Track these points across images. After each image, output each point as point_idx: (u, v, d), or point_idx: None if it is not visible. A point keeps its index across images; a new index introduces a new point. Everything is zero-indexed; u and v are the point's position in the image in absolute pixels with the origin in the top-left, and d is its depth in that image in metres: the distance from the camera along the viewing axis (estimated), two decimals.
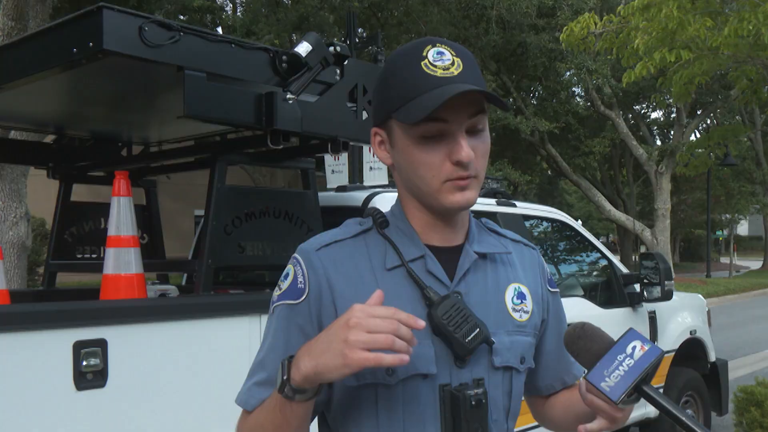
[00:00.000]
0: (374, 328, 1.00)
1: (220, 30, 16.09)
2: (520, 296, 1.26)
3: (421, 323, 1.03)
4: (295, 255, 1.20)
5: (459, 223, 1.23)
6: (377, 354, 0.99)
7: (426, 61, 1.12)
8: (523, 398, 1.29)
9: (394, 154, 1.19)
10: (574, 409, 1.28)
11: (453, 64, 1.13)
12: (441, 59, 1.13)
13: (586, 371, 1.09)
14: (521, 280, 1.28)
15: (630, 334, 1.07)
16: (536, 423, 1.48)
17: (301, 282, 1.16)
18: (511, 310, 1.23)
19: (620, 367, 1.04)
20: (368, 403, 1.14)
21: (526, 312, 1.26)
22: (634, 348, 1.06)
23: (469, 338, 1.12)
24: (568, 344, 1.13)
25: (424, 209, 1.20)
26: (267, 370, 1.16)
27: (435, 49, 1.14)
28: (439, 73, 1.11)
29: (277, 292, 1.20)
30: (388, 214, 1.24)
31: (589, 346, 1.10)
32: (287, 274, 1.20)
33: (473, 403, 1.12)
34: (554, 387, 1.38)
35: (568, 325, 1.21)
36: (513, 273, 1.28)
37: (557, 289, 1.39)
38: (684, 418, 1.03)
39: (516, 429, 1.27)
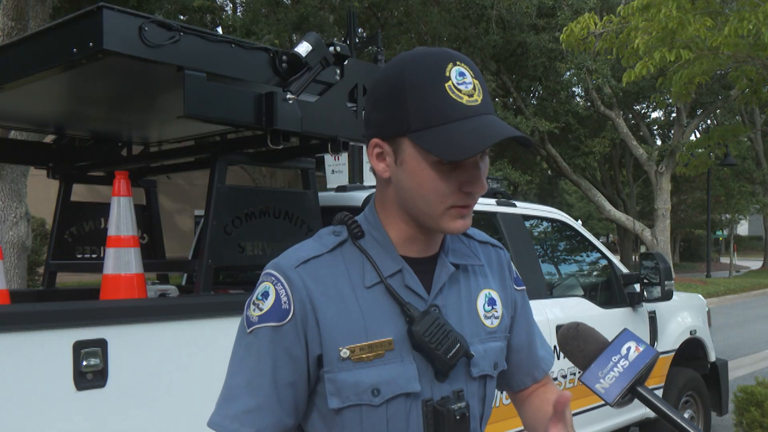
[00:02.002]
0: None
1: (220, 30, 16.09)
2: (491, 302, 1.26)
3: None
4: (272, 272, 1.15)
5: (438, 235, 1.23)
6: None
7: (450, 83, 1.08)
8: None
9: (398, 171, 1.13)
10: (542, 415, 1.30)
11: (475, 89, 1.10)
12: (464, 83, 1.09)
13: (580, 372, 1.09)
14: (491, 286, 1.28)
15: (624, 335, 1.07)
16: None
17: (285, 302, 1.11)
18: (483, 318, 1.24)
19: (615, 368, 1.04)
20: (353, 424, 1.12)
21: (496, 317, 1.26)
22: (629, 349, 1.05)
23: (451, 354, 1.12)
24: (561, 344, 1.13)
25: (412, 223, 1.18)
26: (256, 397, 1.11)
27: (456, 68, 1.09)
28: (465, 99, 1.08)
29: (256, 313, 1.13)
30: (361, 220, 1.21)
31: (583, 347, 1.09)
32: (267, 293, 1.14)
33: (458, 417, 1.12)
34: (525, 383, 1.38)
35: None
36: (484, 280, 1.28)
37: (524, 287, 1.39)
38: (678, 419, 1.03)
39: (516, 429, 1.28)
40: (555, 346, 3.78)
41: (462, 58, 1.12)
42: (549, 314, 3.83)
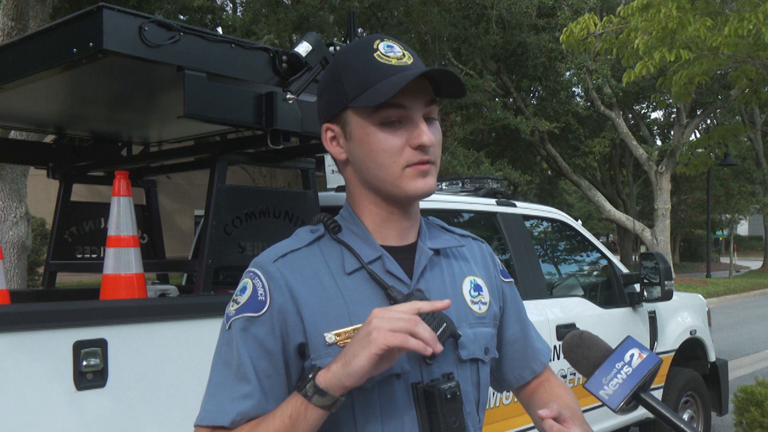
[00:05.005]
0: (396, 316, 1.03)
1: (220, 30, 16.10)
2: (477, 288, 1.28)
3: (439, 347, 1.05)
4: (251, 269, 1.18)
5: (413, 217, 1.24)
6: (402, 334, 1.01)
7: (378, 52, 1.15)
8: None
9: (350, 146, 1.18)
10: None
11: (404, 55, 1.16)
12: (392, 51, 1.16)
13: (585, 379, 1.09)
14: (475, 273, 1.30)
15: (628, 342, 1.08)
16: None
17: (261, 294, 1.14)
18: (470, 303, 1.25)
19: (618, 375, 1.05)
20: (345, 409, 1.13)
21: (484, 303, 1.28)
22: (632, 356, 1.06)
23: (438, 333, 1.12)
24: (566, 353, 1.13)
25: (381, 203, 1.20)
26: (248, 385, 1.11)
27: (384, 42, 1.17)
28: (394, 62, 1.14)
29: (233, 307, 1.16)
30: (338, 217, 1.24)
31: (587, 354, 1.10)
32: (244, 288, 1.16)
33: (448, 396, 1.13)
34: (524, 377, 1.39)
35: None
36: (467, 266, 1.30)
37: (511, 279, 1.41)
38: (682, 425, 1.04)
39: (516, 429, 1.28)
40: (555, 346, 3.78)
41: (391, 38, 1.19)
42: (549, 314, 3.83)
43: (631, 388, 1.03)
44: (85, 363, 2.10)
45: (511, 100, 19.74)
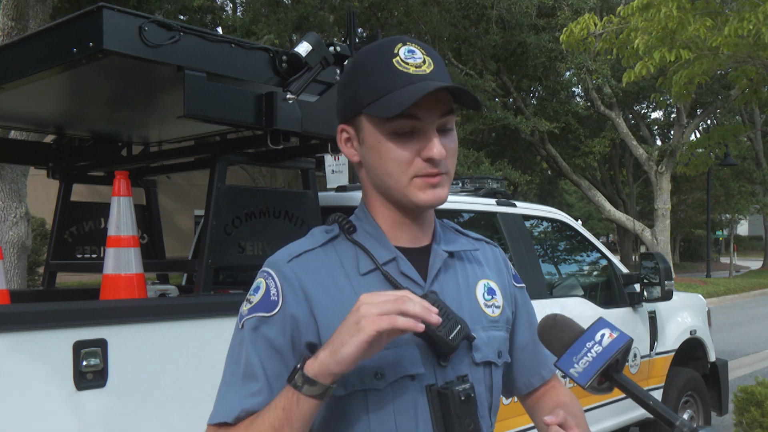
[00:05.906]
0: (384, 299, 1.02)
1: (220, 30, 16.10)
2: (491, 292, 1.28)
3: (435, 309, 1.05)
4: (265, 268, 1.18)
5: (426, 222, 1.24)
6: (390, 316, 1.00)
7: (398, 58, 1.13)
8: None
9: (363, 151, 1.18)
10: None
11: (424, 62, 1.15)
12: (412, 57, 1.14)
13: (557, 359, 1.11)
14: (489, 276, 1.30)
15: (599, 323, 1.10)
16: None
17: (274, 294, 1.14)
18: (483, 306, 1.25)
19: (588, 354, 1.07)
20: (359, 411, 1.13)
21: (497, 307, 1.28)
22: (602, 335, 1.08)
23: (452, 335, 1.12)
24: (540, 334, 1.16)
25: (393, 207, 1.20)
26: (256, 383, 1.12)
27: (406, 47, 1.15)
28: (412, 70, 1.13)
29: (246, 306, 1.16)
30: (353, 218, 1.24)
31: (561, 335, 1.12)
32: (258, 288, 1.16)
33: (462, 398, 1.12)
34: (532, 383, 1.39)
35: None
36: (480, 270, 1.29)
37: (523, 284, 1.40)
38: (652, 404, 1.05)
39: (516, 429, 1.28)
40: None
41: (416, 42, 1.17)
42: None
43: (600, 366, 1.05)
44: (85, 363, 2.10)
45: (511, 100, 19.74)
